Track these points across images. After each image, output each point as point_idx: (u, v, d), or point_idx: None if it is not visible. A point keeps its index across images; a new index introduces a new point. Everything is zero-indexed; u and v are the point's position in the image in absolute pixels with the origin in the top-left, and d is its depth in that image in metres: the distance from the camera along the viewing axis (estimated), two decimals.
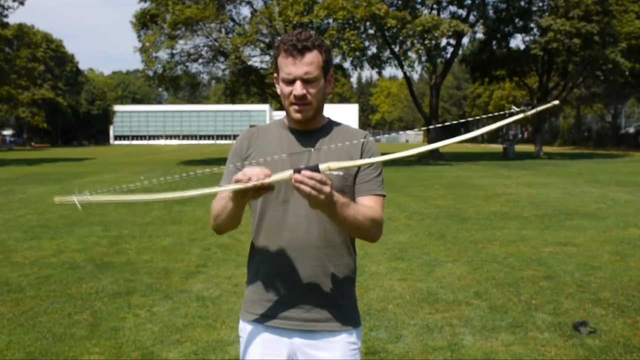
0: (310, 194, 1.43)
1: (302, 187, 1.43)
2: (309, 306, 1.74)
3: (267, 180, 1.47)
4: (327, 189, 1.45)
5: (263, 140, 1.81)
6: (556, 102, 1.56)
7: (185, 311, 4.66)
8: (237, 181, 1.48)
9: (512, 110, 1.47)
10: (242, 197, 1.53)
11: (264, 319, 1.78)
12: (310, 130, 1.79)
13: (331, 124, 1.83)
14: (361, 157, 1.75)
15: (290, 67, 1.67)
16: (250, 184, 1.46)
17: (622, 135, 52.17)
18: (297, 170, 1.44)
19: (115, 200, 1.51)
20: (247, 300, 1.84)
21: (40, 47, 60.13)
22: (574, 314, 4.53)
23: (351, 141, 1.76)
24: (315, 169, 1.45)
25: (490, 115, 1.58)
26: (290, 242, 1.73)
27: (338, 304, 1.77)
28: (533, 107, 1.42)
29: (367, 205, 1.71)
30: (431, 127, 1.47)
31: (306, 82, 1.67)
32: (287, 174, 1.46)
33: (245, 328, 1.84)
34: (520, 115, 1.45)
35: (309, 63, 1.67)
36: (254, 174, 1.46)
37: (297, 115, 1.71)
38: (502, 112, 1.49)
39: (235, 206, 1.60)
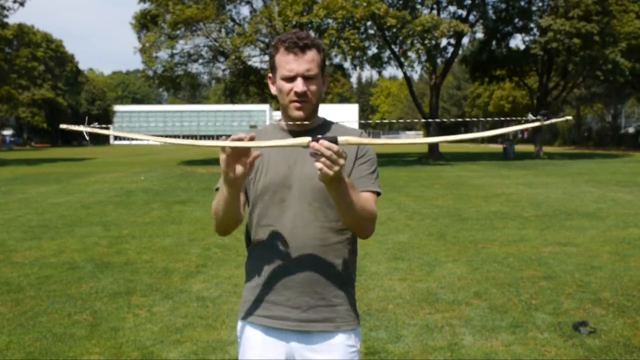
0: (325, 163, 1.42)
1: (323, 155, 1.42)
2: (306, 306, 1.73)
3: (282, 143, 1.48)
4: (342, 161, 1.43)
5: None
6: (569, 117, 1.62)
7: (185, 311, 4.66)
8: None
9: (528, 118, 1.50)
10: (232, 167, 1.51)
11: (261, 320, 1.77)
12: (307, 130, 1.78)
13: (327, 124, 1.83)
14: (357, 154, 1.77)
15: (292, 64, 1.67)
16: (243, 144, 1.45)
17: (622, 135, 52.15)
18: (316, 140, 1.44)
19: (119, 134, 1.54)
20: (245, 302, 1.83)
21: (40, 47, 60.12)
22: (574, 314, 4.53)
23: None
24: (334, 140, 1.44)
25: (503, 119, 1.61)
26: (288, 242, 1.72)
27: (335, 305, 1.76)
28: (548, 119, 1.45)
29: (364, 197, 1.70)
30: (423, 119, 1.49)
31: (307, 79, 1.68)
32: (305, 140, 1.45)
33: (243, 330, 1.83)
34: (536, 124, 1.48)
35: (310, 60, 1.68)
36: (242, 134, 1.48)
37: (298, 113, 1.70)
38: (518, 119, 1.53)
39: (230, 189, 1.57)
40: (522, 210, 10.28)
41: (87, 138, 1.58)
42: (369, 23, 25.52)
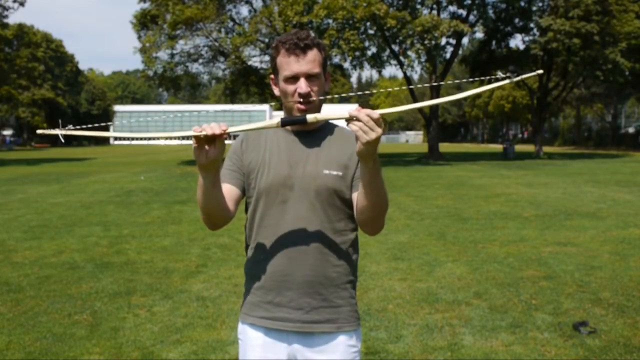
0: (361, 127, 1.44)
1: (360, 120, 1.45)
2: (308, 307, 1.73)
3: (254, 126, 1.53)
4: (379, 130, 1.44)
5: (262, 142, 1.79)
6: (540, 71, 1.63)
7: (185, 311, 4.66)
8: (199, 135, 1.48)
9: (497, 77, 1.52)
10: (204, 151, 1.50)
11: (262, 321, 1.76)
12: (309, 131, 1.78)
13: (329, 125, 1.82)
14: None
15: (294, 65, 1.67)
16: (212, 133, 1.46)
17: (622, 135, 52.17)
18: (285, 121, 1.55)
19: (96, 135, 1.53)
20: (245, 303, 1.83)
21: (40, 47, 60.09)
22: (574, 314, 4.53)
23: (349, 142, 1.76)
24: (303, 119, 1.56)
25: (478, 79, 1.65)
26: (290, 242, 1.71)
27: (338, 306, 1.76)
28: (518, 75, 1.48)
29: None
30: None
31: (310, 79, 1.68)
32: (274, 121, 1.52)
33: (244, 331, 1.82)
34: (506, 82, 1.51)
35: (312, 60, 1.68)
36: (207, 126, 1.47)
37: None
38: (487, 77, 1.54)
39: (204, 174, 1.56)
40: (522, 210, 10.28)
41: (63, 140, 1.57)
42: (368, 23, 25.52)
